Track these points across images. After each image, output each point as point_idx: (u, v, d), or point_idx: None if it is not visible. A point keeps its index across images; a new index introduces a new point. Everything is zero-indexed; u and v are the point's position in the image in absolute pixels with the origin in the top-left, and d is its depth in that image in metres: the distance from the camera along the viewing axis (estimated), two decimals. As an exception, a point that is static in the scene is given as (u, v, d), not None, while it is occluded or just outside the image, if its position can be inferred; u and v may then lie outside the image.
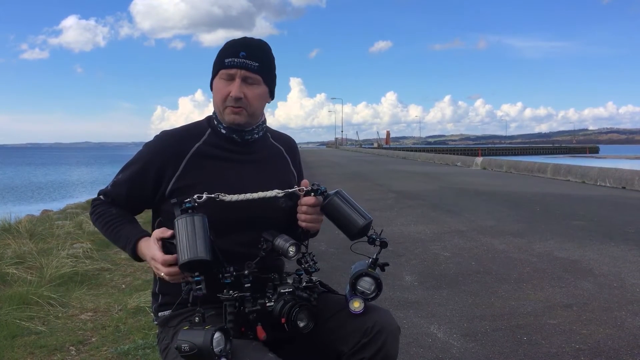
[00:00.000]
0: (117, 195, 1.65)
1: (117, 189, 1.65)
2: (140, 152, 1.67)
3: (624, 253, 5.47)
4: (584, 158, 58.09)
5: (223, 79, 1.59)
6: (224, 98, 1.59)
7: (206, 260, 1.34)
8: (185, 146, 1.62)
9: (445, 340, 3.22)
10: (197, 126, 1.69)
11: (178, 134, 1.66)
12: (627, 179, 13.23)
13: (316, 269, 1.60)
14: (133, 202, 1.66)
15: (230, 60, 1.57)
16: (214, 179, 1.59)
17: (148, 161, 1.62)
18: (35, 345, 3.12)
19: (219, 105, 1.61)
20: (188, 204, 1.42)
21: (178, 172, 1.59)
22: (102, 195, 1.69)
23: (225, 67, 1.57)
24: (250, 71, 1.57)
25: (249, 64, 1.57)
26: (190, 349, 1.25)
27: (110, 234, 1.62)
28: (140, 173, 1.62)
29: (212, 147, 1.64)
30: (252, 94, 1.59)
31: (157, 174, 1.60)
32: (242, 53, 1.57)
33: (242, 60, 1.56)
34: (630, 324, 3.44)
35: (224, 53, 1.60)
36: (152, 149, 1.65)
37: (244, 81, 1.58)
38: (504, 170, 20.59)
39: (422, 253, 5.62)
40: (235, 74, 1.57)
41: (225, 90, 1.58)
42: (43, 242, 5.93)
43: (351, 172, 20.47)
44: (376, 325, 1.49)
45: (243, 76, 1.57)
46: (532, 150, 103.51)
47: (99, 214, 1.65)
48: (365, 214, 1.57)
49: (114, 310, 3.79)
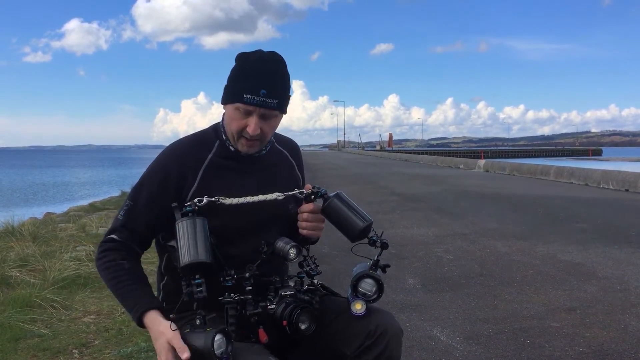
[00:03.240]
0: (135, 224, 1.55)
1: (133, 218, 1.55)
2: (152, 169, 1.61)
3: (627, 256, 5.45)
4: (587, 160, 57.96)
5: (239, 111, 1.52)
6: (239, 129, 1.54)
7: (206, 262, 1.34)
8: (199, 157, 1.59)
9: (448, 343, 3.21)
10: (205, 136, 1.65)
11: (190, 145, 1.63)
12: (630, 181, 13.19)
13: (318, 272, 1.60)
14: (154, 227, 1.58)
15: (250, 97, 1.49)
16: (227, 189, 1.55)
17: (165, 177, 1.56)
18: (38, 348, 3.13)
19: (233, 133, 1.56)
20: (188, 208, 1.43)
21: (196, 183, 1.56)
22: (115, 234, 1.55)
23: (244, 103, 1.50)
24: (270, 109, 1.52)
25: (269, 102, 1.50)
26: (192, 351, 1.25)
27: (117, 291, 1.51)
28: (158, 193, 1.55)
29: (222, 159, 1.61)
30: (268, 127, 1.56)
31: (177, 187, 1.55)
32: (263, 91, 1.48)
33: (262, 100, 1.49)
34: (634, 327, 3.43)
35: (243, 86, 1.50)
36: (164, 164, 1.59)
37: (261, 117, 1.52)
38: (506, 173, 20.55)
39: (425, 256, 5.61)
40: (253, 111, 1.51)
41: (241, 123, 1.53)
42: (46, 244, 5.94)
43: (353, 175, 20.46)
44: (379, 328, 1.49)
45: (262, 113, 1.51)
46: (535, 152, 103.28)
47: (108, 263, 1.52)
48: (365, 215, 1.57)
49: (117, 313, 3.79)
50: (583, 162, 39.74)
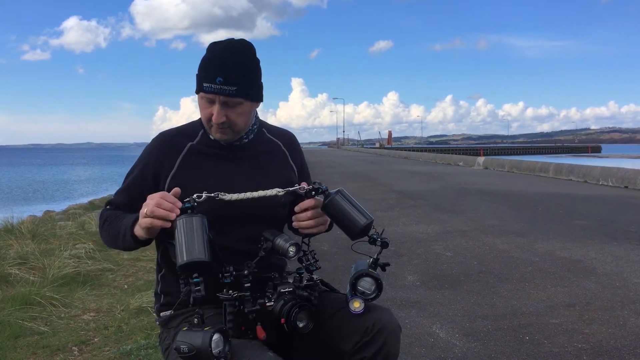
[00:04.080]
0: (121, 202, 1.65)
1: (120, 196, 1.66)
2: (140, 155, 1.70)
3: (626, 252, 5.46)
4: (586, 157, 57.95)
5: (204, 100, 1.56)
6: (207, 118, 1.58)
7: (205, 261, 1.33)
8: (179, 145, 1.64)
9: (447, 340, 3.22)
10: (191, 126, 1.71)
11: (172, 134, 1.69)
12: (629, 178, 13.20)
13: (317, 268, 1.60)
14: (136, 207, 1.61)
15: (208, 85, 1.52)
16: (209, 176, 1.60)
17: (145, 163, 1.65)
18: (37, 346, 3.13)
19: (205, 122, 1.61)
20: (187, 204, 1.41)
21: (173, 170, 1.61)
22: (108, 204, 1.68)
23: (204, 92, 1.54)
24: (229, 96, 1.53)
25: (226, 89, 1.51)
26: (189, 350, 1.25)
27: (113, 228, 1.56)
28: (139, 175, 1.65)
29: (205, 146, 1.65)
30: (234, 114, 1.57)
31: (154, 174, 1.62)
32: (219, 79, 1.50)
33: (219, 87, 1.51)
34: (633, 323, 3.43)
35: (202, 75, 1.55)
36: (148, 151, 1.68)
37: (224, 105, 1.54)
38: (506, 170, 20.56)
39: (424, 253, 5.62)
40: (214, 99, 1.54)
41: (207, 112, 1.57)
42: (45, 242, 5.94)
43: (353, 172, 20.46)
44: (377, 325, 1.49)
45: (223, 101, 1.54)
46: (534, 149, 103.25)
47: (104, 220, 1.63)
48: (366, 213, 1.57)
49: (116, 310, 3.80)
50: (582, 159, 39.73)
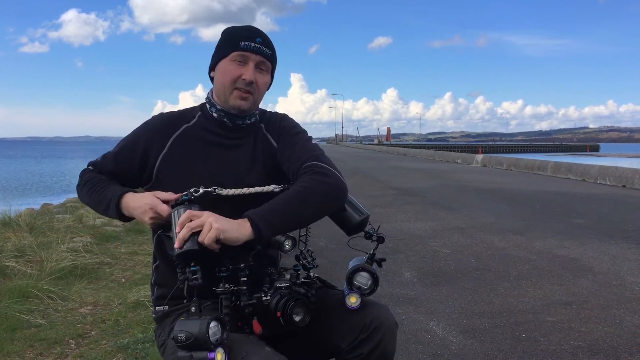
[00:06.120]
0: (105, 166, 1.66)
1: (105, 160, 1.67)
2: (135, 129, 1.70)
3: (623, 251, 5.47)
4: (584, 156, 58.00)
5: (235, 62, 1.57)
6: (234, 80, 1.57)
7: (199, 250, 1.35)
8: (174, 126, 1.64)
9: (444, 336, 3.22)
10: (191, 110, 1.70)
11: (171, 116, 1.69)
12: (627, 177, 13.23)
13: (314, 266, 1.60)
14: (119, 176, 1.65)
15: (247, 43, 1.56)
16: (196, 160, 1.59)
17: (139, 138, 1.65)
18: (35, 338, 3.13)
19: (226, 86, 1.59)
20: (185, 197, 1.44)
21: (164, 151, 1.60)
22: (92, 165, 1.69)
23: (241, 50, 1.56)
24: (265, 57, 1.59)
25: (264, 50, 1.58)
26: (187, 338, 1.25)
27: (95, 196, 1.59)
28: (129, 147, 1.65)
29: (199, 129, 1.64)
30: (262, 81, 1.61)
31: (144, 150, 1.62)
32: (259, 39, 1.58)
33: (259, 46, 1.57)
34: (629, 322, 3.44)
35: (239, 36, 1.58)
36: (144, 127, 1.68)
37: (256, 66, 1.58)
38: (504, 168, 20.58)
39: (422, 250, 5.62)
40: (249, 58, 1.57)
41: (236, 72, 1.57)
42: (43, 235, 5.93)
43: (351, 169, 20.46)
44: (374, 321, 1.49)
45: (257, 61, 1.58)
46: (533, 147, 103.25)
47: (86, 180, 1.64)
48: (362, 209, 1.57)
49: (113, 304, 3.80)
50: (580, 158, 39.78)
